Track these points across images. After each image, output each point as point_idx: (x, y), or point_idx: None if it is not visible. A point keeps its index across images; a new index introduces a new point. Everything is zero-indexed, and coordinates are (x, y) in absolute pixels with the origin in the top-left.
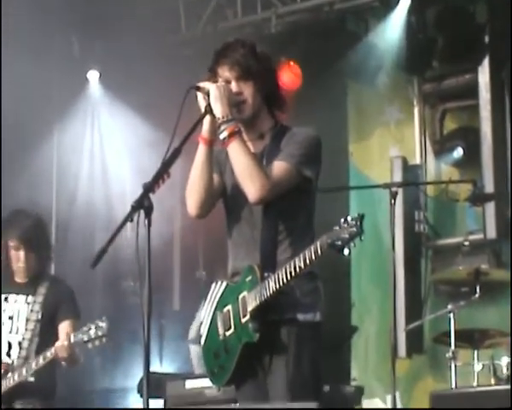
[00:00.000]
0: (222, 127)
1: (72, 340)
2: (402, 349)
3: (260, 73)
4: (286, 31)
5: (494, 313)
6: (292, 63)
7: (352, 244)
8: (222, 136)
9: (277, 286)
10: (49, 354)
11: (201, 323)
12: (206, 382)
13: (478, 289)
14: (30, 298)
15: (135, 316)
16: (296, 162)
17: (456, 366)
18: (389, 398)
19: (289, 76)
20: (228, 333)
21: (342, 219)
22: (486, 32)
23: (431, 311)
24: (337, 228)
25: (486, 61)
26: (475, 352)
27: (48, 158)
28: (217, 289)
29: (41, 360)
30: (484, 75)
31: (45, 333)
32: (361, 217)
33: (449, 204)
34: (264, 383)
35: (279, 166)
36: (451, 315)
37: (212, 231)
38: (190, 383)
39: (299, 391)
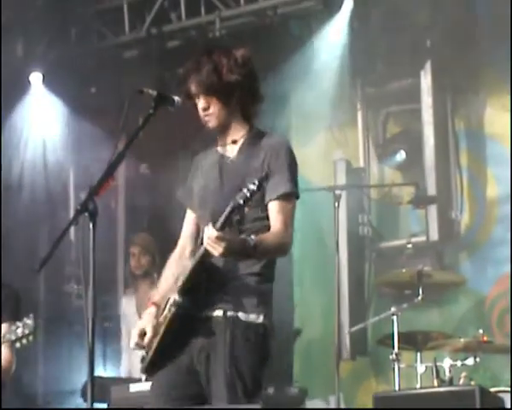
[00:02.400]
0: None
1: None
2: (346, 351)
3: (223, 89)
4: (230, 34)
5: (437, 316)
6: None
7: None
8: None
9: (198, 260)
10: None
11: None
12: (150, 385)
13: (421, 292)
14: None
15: (79, 319)
16: (293, 187)
17: (399, 367)
18: (333, 399)
19: None
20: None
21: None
22: (428, 37)
23: (374, 313)
24: (245, 189)
25: (428, 66)
26: (418, 354)
27: None
28: None
29: None
30: (426, 79)
31: None
32: (260, 179)
33: (392, 207)
34: (191, 379)
35: (283, 207)
36: (395, 318)
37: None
38: (135, 387)
39: (233, 390)
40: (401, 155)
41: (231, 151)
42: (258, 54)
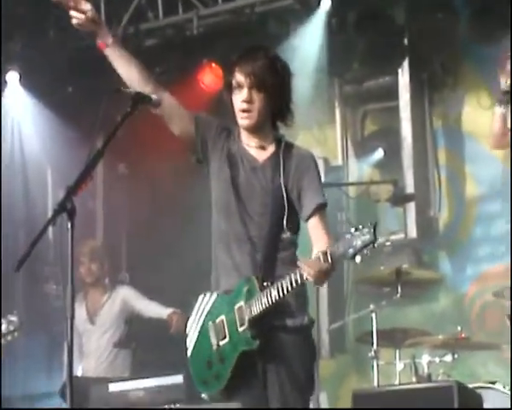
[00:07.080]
0: None
1: None
2: (325, 349)
3: (273, 88)
4: (208, 32)
5: (415, 313)
6: (213, 65)
7: (365, 251)
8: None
9: (280, 294)
10: None
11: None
12: (129, 385)
13: (399, 289)
14: None
15: (58, 320)
16: (324, 198)
17: (378, 365)
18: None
19: (211, 77)
20: (222, 343)
21: (353, 228)
22: (406, 35)
23: (353, 311)
24: (349, 236)
25: (406, 63)
26: (397, 351)
27: None
28: (205, 301)
29: None
30: (404, 77)
31: None
32: (374, 225)
33: (370, 205)
34: (260, 393)
35: (323, 218)
36: (373, 315)
37: (136, 232)
38: (114, 387)
39: (295, 397)
40: (379, 153)
41: (259, 156)
42: (235, 52)
